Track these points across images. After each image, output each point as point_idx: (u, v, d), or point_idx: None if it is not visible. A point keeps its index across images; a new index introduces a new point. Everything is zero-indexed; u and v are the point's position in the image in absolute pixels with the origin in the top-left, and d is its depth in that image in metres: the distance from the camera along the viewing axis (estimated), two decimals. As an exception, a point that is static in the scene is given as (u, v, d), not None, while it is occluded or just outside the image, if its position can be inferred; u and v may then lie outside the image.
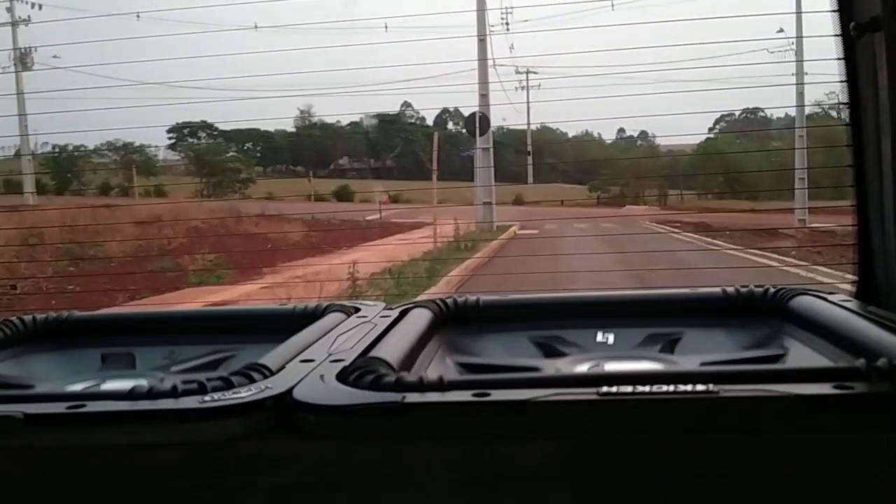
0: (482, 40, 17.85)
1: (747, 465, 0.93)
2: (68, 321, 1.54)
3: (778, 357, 1.25)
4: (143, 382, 1.04)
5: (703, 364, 1.22)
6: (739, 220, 18.38)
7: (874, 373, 0.94)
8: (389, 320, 1.37)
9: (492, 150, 17.64)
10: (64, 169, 28.03)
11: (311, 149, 39.77)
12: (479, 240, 14.19)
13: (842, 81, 1.42)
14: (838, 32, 1.39)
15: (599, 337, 1.33)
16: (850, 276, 1.48)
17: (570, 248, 12.25)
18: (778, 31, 20.05)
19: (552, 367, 1.26)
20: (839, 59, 1.41)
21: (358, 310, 1.51)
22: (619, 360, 1.28)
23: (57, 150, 28.72)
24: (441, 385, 0.99)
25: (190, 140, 34.14)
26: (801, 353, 1.25)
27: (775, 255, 11.36)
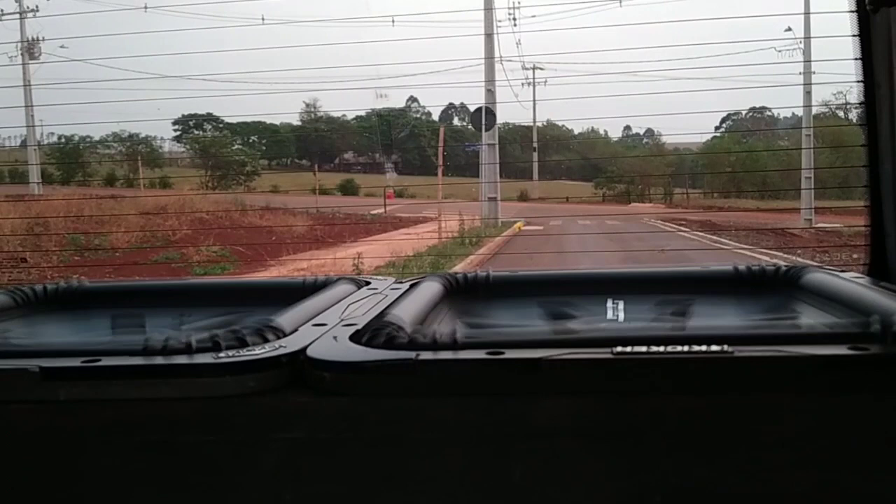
0: (489, 35, 17.83)
1: (761, 425, 0.92)
2: (79, 290, 1.54)
3: (791, 323, 1.25)
4: (155, 336, 1.04)
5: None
6: (745, 219, 18.36)
7: (889, 334, 0.94)
8: (399, 292, 1.37)
9: (497, 146, 17.62)
10: (70, 159, 28.10)
11: (316, 143, 39.78)
12: (483, 235, 14.18)
13: (856, 59, 1.41)
14: (853, 8, 1.38)
15: (609, 307, 1.33)
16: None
17: (574, 244, 12.28)
18: (786, 30, 20.05)
19: (562, 327, 1.26)
20: (854, 35, 1.40)
21: (368, 283, 1.51)
22: (630, 321, 1.28)
23: (63, 140, 28.83)
24: (454, 344, 0.99)
25: (195, 132, 34.21)
26: (813, 320, 1.25)
27: (780, 255, 11.35)
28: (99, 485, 0.99)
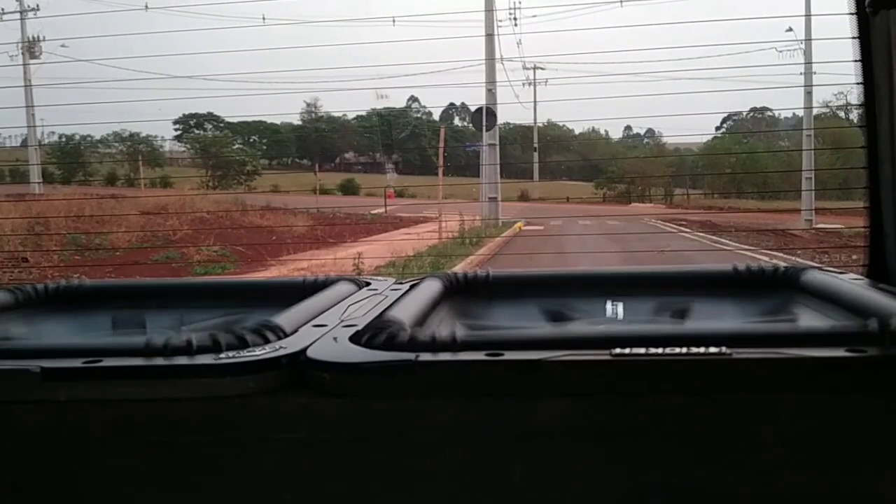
0: (490, 36, 17.84)
1: (760, 426, 0.93)
2: (79, 289, 1.54)
3: (789, 324, 1.25)
4: (155, 336, 1.04)
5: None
6: (745, 220, 18.37)
7: (887, 337, 0.94)
8: (399, 293, 1.37)
9: (497, 146, 17.62)
10: (70, 159, 28.13)
11: (317, 142, 39.80)
12: (483, 235, 14.19)
13: (856, 61, 1.41)
14: (853, 10, 1.38)
15: (609, 306, 1.33)
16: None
17: (574, 245, 12.31)
18: (787, 31, 20.07)
19: (562, 327, 1.26)
20: (853, 37, 1.40)
21: (368, 283, 1.51)
22: (629, 324, 1.28)
23: (64, 139, 28.87)
24: (454, 345, 0.99)
25: (196, 132, 34.24)
26: (812, 322, 1.25)
27: (780, 255, 11.36)
28: (99, 485, 0.99)
